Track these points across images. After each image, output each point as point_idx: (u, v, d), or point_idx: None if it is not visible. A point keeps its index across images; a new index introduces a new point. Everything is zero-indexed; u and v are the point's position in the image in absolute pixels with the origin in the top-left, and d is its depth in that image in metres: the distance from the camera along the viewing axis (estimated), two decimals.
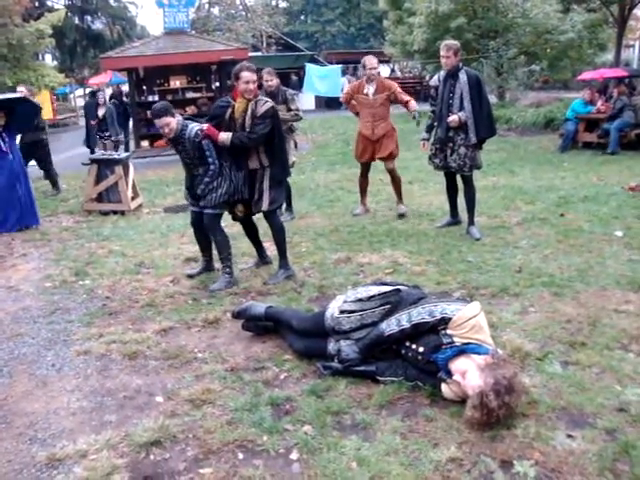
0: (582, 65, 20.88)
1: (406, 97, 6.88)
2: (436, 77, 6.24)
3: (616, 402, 2.99)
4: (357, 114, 7.24)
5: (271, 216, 5.16)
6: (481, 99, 5.89)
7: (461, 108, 5.89)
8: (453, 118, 5.89)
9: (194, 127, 4.83)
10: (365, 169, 7.40)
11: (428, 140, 6.33)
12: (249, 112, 4.84)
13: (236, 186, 4.99)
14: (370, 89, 6.89)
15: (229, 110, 4.94)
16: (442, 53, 5.93)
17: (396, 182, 7.26)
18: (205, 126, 4.85)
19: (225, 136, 4.85)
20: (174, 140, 4.90)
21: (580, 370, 3.33)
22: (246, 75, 4.76)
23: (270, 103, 4.93)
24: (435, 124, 6.25)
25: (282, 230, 5.22)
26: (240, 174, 5.00)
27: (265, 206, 5.03)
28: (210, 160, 4.86)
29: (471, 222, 6.19)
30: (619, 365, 3.35)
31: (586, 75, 18.59)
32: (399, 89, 6.99)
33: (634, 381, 3.19)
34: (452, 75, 5.93)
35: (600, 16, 20.50)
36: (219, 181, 4.91)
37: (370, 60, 6.90)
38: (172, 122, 4.81)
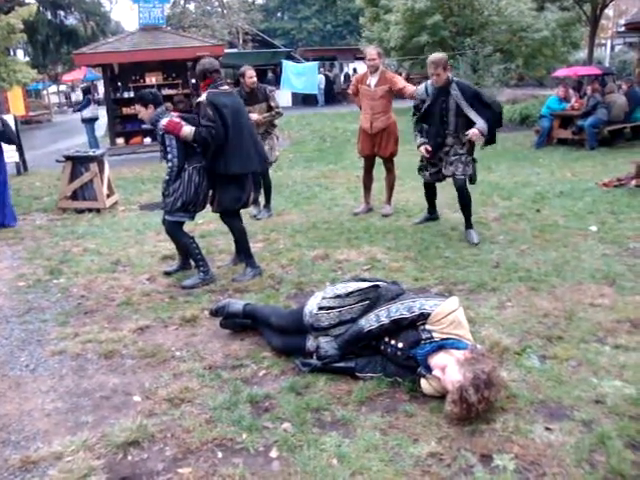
0: (556, 63, 21.16)
1: (402, 83, 6.69)
2: (422, 87, 5.92)
3: (593, 394, 3.02)
4: (361, 107, 6.99)
5: (226, 218, 5.13)
6: (486, 105, 5.57)
7: (457, 124, 5.62)
8: (473, 132, 5.48)
9: (163, 120, 4.73)
10: (368, 164, 7.15)
11: (428, 143, 5.84)
12: None
13: (193, 197, 4.79)
14: (372, 80, 6.71)
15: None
16: (431, 71, 5.59)
17: (390, 180, 7.11)
18: (165, 120, 4.71)
19: (188, 130, 4.70)
20: (152, 130, 4.90)
21: (557, 364, 3.36)
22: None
23: (201, 98, 4.86)
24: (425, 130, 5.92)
25: (240, 232, 5.15)
26: (204, 183, 4.85)
27: (215, 207, 5.07)
28: (169, 157, 4.72)
29: (469, 225, 5.89)
30: (595, 358, 3.39)
31: (560, 72, 18.83)
32: (398, 78, 6.79)
33: (610, 373, 3.22)
34: (443, 90, 5.59)
35: (573, 15, 20.84)
36: (176, 185, 4.75)
37: (369, 51, 6.76)
38: (142, 111, 4.82)
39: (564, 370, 3.28)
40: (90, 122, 14.49)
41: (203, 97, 4.82)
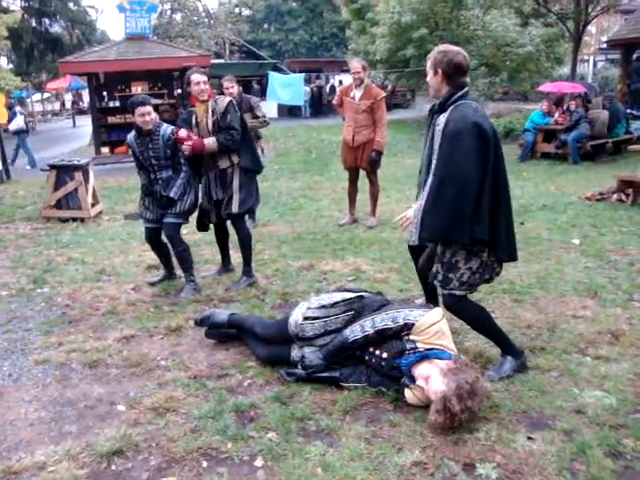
0: (540, 78, 21.42)
1: (379, 123, 6.64)
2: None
3: (574, 404, 3.07)
4: (344, 119, 7.03)
5: (239, 221, 5.11)
6: (447, 167, 3.14)
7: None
8: (405, 215, 3.54)
9: (168, 126, 4.87)
10: (352, 176, 7.19)
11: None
12: (210, 111, 4.87)
13: (195, 200, 5.02)
14: (357, 93, 6.74)
15: (193, 117, 4.97)
16: None
17: (374, 192, 7.15)
18: (182, 131, 4.82)
19: (211, 141, 4.83)
20: (147, 135, 4.81)
21: (540, 374, 3.40)
22: (195, 77, 4.83)
23: (228, 97, 5.03)
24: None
25: (249, 236, 5.16)
26: (199, 185, 5.06)
27: (235, 208, 4.94)
28: (182, 161, 4.89)
29: (504, 350, 3.46)
30: (577, 369, 3.44)
31: (544, 87, 19.07)
32: (382, 105, 6.74)
33: (590, 384, 3.27)
34: (439, 109, 3.32)
35: (557, 31, 21.10)
36: (190, 187, 4.93)
37: (353, 64, 6.80)
38: (152, 112, 4.85)
39: (546, 380, 3.33)
40: (19, 134, 14.55)
41: (228, 98, 4.98)
